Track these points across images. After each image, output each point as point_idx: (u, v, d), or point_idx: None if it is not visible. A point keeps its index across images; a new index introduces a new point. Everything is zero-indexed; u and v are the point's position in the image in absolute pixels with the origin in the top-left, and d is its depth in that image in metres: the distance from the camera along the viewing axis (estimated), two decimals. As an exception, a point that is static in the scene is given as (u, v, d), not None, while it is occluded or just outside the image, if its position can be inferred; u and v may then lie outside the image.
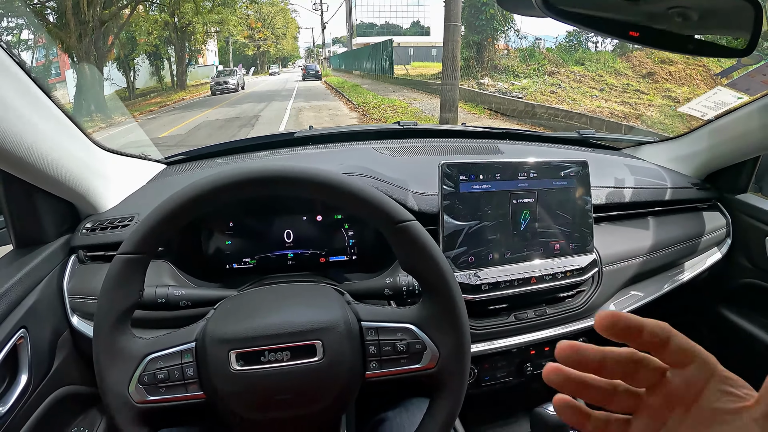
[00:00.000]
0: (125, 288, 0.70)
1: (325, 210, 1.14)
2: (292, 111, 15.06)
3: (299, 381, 0.68)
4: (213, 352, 0.68)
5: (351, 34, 40.73)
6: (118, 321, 0.70)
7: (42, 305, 0.95)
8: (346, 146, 1.53)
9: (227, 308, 0.76)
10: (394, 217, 0.72)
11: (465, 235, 1.08)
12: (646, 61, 13.66)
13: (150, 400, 0.69)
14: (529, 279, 1.11)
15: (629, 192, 1.41)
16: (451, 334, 0.73)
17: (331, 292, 0.80)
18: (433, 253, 0.73)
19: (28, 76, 0.84)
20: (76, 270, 1.06)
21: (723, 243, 1.53)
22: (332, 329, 0.70)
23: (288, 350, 0.69)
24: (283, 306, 0.75)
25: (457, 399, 0.74)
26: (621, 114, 10.81)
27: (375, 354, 0.73)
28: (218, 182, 0.70)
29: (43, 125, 0.87)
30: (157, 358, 0.70)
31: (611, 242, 1.28)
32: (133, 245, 0.70)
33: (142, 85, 22.13)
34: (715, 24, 0.88)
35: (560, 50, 15.80)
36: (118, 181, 1.18)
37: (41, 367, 0.93)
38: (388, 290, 0.94)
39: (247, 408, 0.69)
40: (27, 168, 0.87)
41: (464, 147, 1.56)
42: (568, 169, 1.16)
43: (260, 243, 1.14)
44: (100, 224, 1.08)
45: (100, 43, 16.26)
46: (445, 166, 1.07)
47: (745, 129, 1.36)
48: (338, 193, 0.72)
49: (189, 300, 0.88)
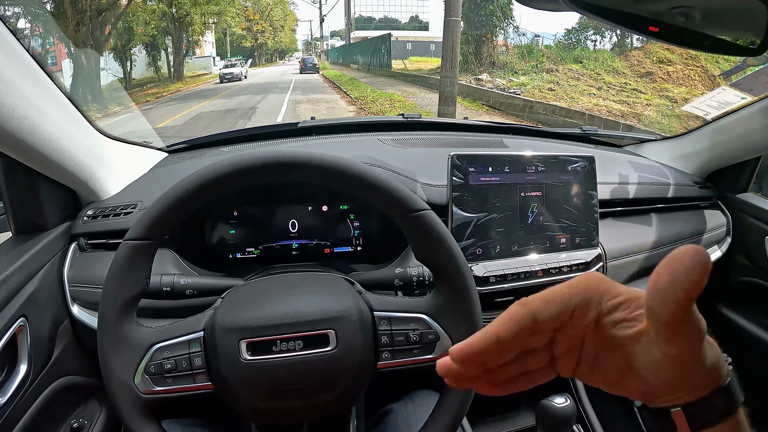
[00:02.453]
0: (132, 275, 0.69)
1: (330, 200, 1.13)
2: (289, 104, 14.99)
3: (312, 371, 0.68)
4: (222, 342, 0.68)
5: (349, 27, 40.54)
6: (124, 309, 0.69)
7: (42, 293, 0.93)
8: (350, 137, 1.53)
9: (236, 297, 0.75)
10: (409, 206, 0.72)
11: (473, 227, 1.08)
12: (645, 60, 13.68)
13: (156, 390, 0.68)
14: (536, 272, 1.12)
15: (633, 188, 1.41)
16: (464, 324, 0.73)
17: (342, 282, 0.80)
18: (448, 242, 0.72)
19: (34, 59, 0.83)
20: (76, 258, 1.04)
21: (723, 241, 1.54)
22: (345, 318, 0.70)
23: (301, 340, 0.68)
24: (295, 295, 0.74)
25: (469, 390, 0.73)
26: (618, 113, 10.83)
27: (387, 344, 0.73)
28: (231, 167, 0.69)
29: (48, 109, 0.86)
30: (163, 348, 0.69)
31: (615, 237, 1.29)
32: (141, 231, 0.69)
33: (139, 75, 21.91)
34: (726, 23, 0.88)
35: (559, 48, 15.82)
36: (120, 168, 1.17)
37: (41, 357, 0.92)
38: (398, 281, 0.93)
39: (257, 398, 0.68)
40: (29, 152, 0.86)
41: (469, 140, 1.55)
42: (576, 163, 1.16)
43: (264, 233, 1.13)
44: (102, 211, 1.06)
45: (97, 33, 16.13)
46: (455, 158, 1.06)
47: (747, 129, 1.36)
48: (353, 180, 0.72)
49: (195, 289, 0.86)
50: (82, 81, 14.19)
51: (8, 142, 0.81)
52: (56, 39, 15.99)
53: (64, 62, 15.30)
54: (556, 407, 0.93)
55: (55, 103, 0.90)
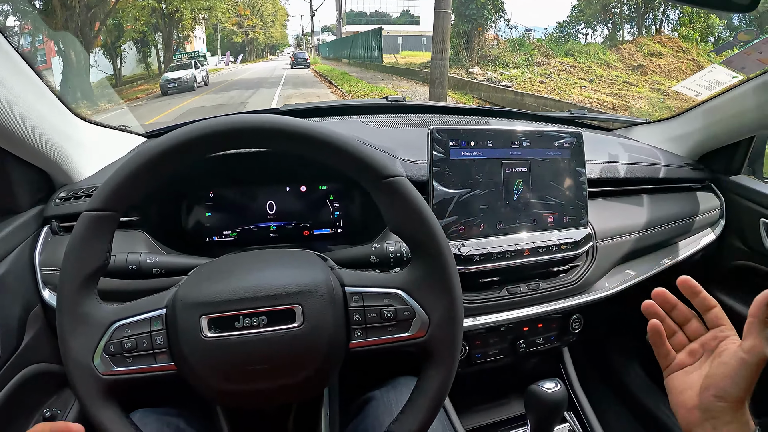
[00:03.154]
0: (92, 248, 0.65)
1: (309, 180, 1.11)
2: (280, 98, 14.98)
3: (277, 349, 0.64)
4: (183, 318, 0.63)
5: (340, 22, 40.53)
6: (83, 285, 0.65)
7: (11, 277, 0.91)
8: (332, 119, 1.50)
9: (201, 272, 0.71)
10: (380, 172, 0.67)
11: (455, 203, 1.04)
12: (636, 53, 13.79)
13: (116, 371, 0.63)
14: (522, 251, 1.08)
15: (623, 168, 1.39)
16: (442, 299, 0.68)
17: (313, 257, 0.76)
18: (423, 210, 0.68)
19: (6, 40, 0.81)
20: (48, 241, 1.02)
21: (716, 224, 1.52)
22: (313, 293, 0.66)
23: (265, 315, 0.64)
24: (261, 269, 0.70)
25: (449, 370, 0.69)
26: (610, 105, 10.90)
27: (360, 321, 0.68)
28: (196, 132, 0.65)
29: (20, 89, 0.85)
30: (124, 326, 0.65)
31: (606, 217, 1.27)
32: (100, 202, 0.64)
33: (129, 72, 21.84)
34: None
35: (550, 41, 15.94)
36: (95, 150, 1.14)
37: (10, 343, 0.89)
38: (374, 257, 0.89)
39: (220, 379, 0.64)
40: (1, 131, 0.84)
41: (453, 122, 1.53)
42: (562, 139, 1.14)
43: (241, 215, 1.11)
44: (75, 193, 1.03)
45: (87, 30, 16.04)
46: (435, 131, 1.03)
47: (740, 108, 1.35)
48: (319, 145, 0.67)
49: (162, 267, 0.83)
50: (72, 78, 14.11)
51: None
52: (45, 36, 15.88)
53: (53, 60, 15.21)
54: (546, 392, 0.89)
55: (28, 84, 0.89)
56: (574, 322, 1.26)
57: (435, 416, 0.70)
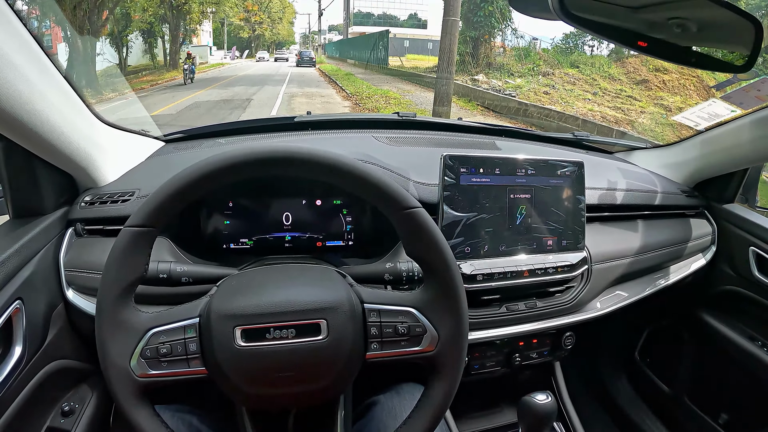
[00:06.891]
0: (132, 261, 0.71)
1: (324, 195, 1.15)
2: (284, 97, 14.96)
3: (303, 359, 0.70)
4: (218, 328, 0.69)
5: (347, 22, 40.45)
6: (122, 294, 0.70)
7: (38, 277, 0.94)
8: (345, 133, 1.54)
9: (232, 285, 0.77)
10: (401, 203, 0.74)
11: (463, 226, 1.10)
12: (641, 68, 13.73)
13: (152, 374, 0.69)
14: (522, 272, 1.14)
15: (621, 194, 1.44)
16: (450, 319, 0.76)
17: (335, 274, 0.82)
18: (438, 240, 0.75)
19: (37, 43, 0.83)
20: (73, 243, 1.05)
21: (708, 250, 1.56)
22: (337, 309, 0.72)
23: (293, 328, 0.70)
24: (289, 285, 0.76)
25: (453, 382, 0.76)
26: (613, 119, 10.87)
27: (376, 335, 0.75)
28: (232, 161, 0.71)
29: (50, 94, 0.87)
30: (160, 333, 0.71)
31: (601, 242, 1.31)
32: (142, 218, 0.70)
33: (135, 62, 21.77)
34: (715, 38, 0.91)
35: (556, 51, 15.86)
36: (118, 155, 1.18)
37: (35, 340, 0.93)
38: (389, 275, 0.95)
39: (249, 383, 0.70)
40: (30, 135, 0.87)
41: (462, 141, 1.58)
42: (565, 168, 1.19)
43: (258, 224, 1.14)
44: (100, 198, 1.08)
45: (95, 17, 15.99)
46: (448, 158, 1.09)
47: (735, 141, 1.39)
48: (347, 176, 0.74)
49: (190, 276, 0.88)
50: (77, 65, 14.07)
51: (10, 126, 0.83)
52: (53, 22, 15.83)
53: (59, 46, 15.16)
54: (537, 404, 0.96)
55: (57, 89, 0.91)
56: (566, 338, 1.32)
57: (438, 423, 0.77)
